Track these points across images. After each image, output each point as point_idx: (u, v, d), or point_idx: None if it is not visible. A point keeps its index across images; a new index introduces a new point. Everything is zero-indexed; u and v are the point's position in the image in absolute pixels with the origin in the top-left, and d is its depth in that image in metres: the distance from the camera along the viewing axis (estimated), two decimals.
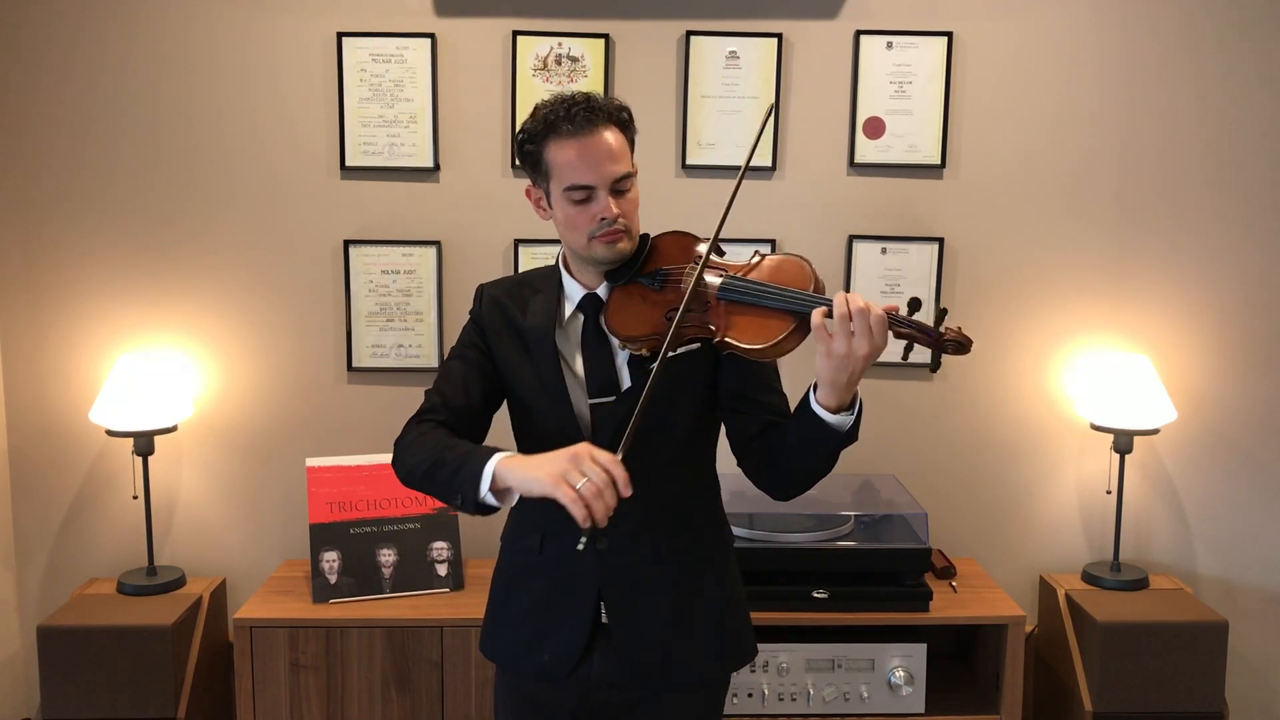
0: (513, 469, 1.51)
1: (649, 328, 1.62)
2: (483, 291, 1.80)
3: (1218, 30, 2.70)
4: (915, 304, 1.53)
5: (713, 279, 1.62)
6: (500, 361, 1.75)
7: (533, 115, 1.66)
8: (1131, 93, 2.73)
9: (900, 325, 1.51)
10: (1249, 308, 2.80)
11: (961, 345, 1.51)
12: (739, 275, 1.62)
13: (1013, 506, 2.88)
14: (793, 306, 1.55)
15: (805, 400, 1.58)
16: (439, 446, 1.60)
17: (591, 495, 1.42)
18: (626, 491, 1.44)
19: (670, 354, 1.57)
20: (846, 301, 1.47)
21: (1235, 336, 2.80)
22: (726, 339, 1.58)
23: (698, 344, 1.64)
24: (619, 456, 1.46)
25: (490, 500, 1.53)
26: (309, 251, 2.76)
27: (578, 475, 1.43)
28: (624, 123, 1.66)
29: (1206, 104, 2.73)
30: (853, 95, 2.72)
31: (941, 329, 1.51)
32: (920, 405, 2.84)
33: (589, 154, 1.60)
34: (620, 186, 1.63)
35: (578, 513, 1.41)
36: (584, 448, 1.46)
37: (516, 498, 1.53)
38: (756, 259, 1.66)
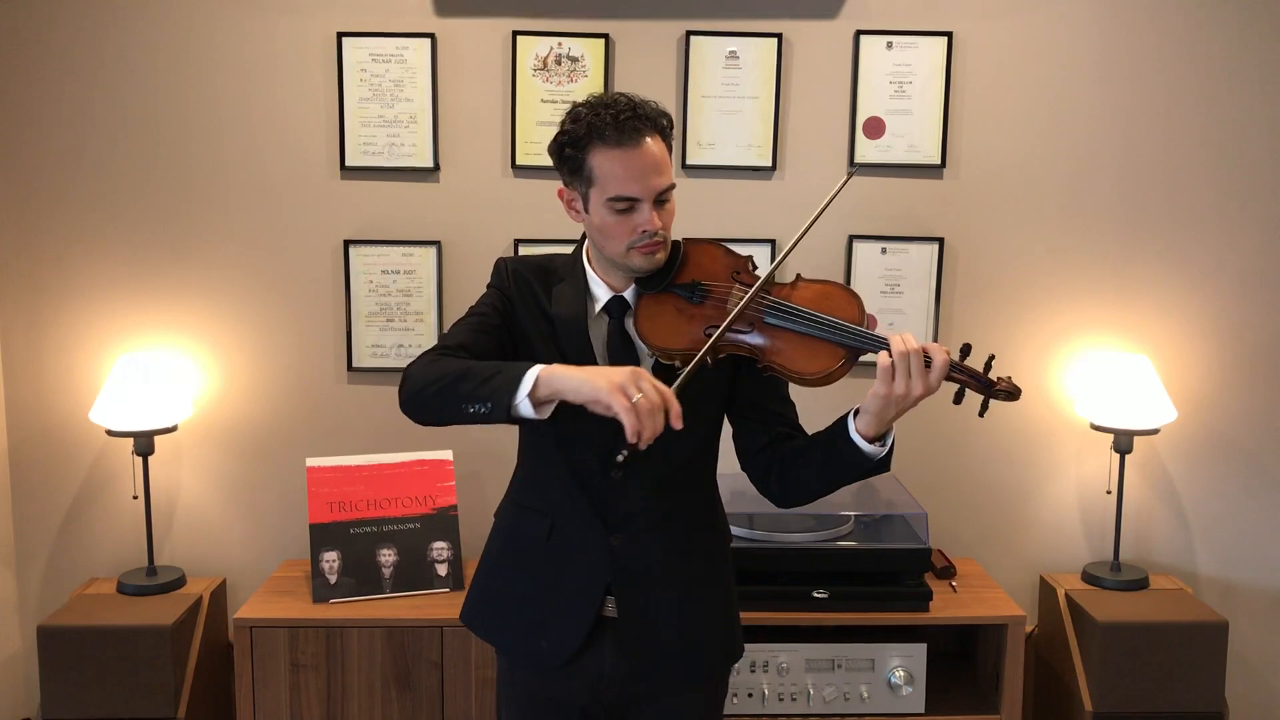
0: (562, 374, 1.47)
1: (686, 341, 1.62)
2: (505, 265, 1.75)
3: (1217, 29, 2.70)
4: (966, 349, 1.56)
5: (761, 300, 1.62)
6: (523, 336, 1.71)
7: (574, 118, 1.62)
8: (1131, 92, 2.73)
9: (955, 371, 1.54)
10: (1249, 308, 2.80)
11: (1011, 395, 1.55)
12: (787, 300, 1.62)
13: (1013, 506, 2.88)
14: (846, 341, 1.57)
15: (843, 426, 1.60)
16: (465, 362, 1.56)
17: (645, 411, 1.41)
18: (678, 424, 1.44)
19: (709, 363, 1.58)
20: (904, 342, 1.50)
21: (1235, 336, 2.80)
22: (773, 363, 1.60)
23: (724, 355, 1.64)
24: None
25: (525, 409, 1.48)
26: (309, 251, 2.76)
27: (635, 390, 1.42)
28: (664, 130, 1.65)
29: (1206, 103, 2.73)
30: (853, 95, 2.72)
31: (993, 377, 1.54)
32: (920, 405, 2.83)
33: (635, 166, 1.59)
34: (663, 198, 1.63)
35: (630, 422, 1.40)
36: (641, 370, 1.46)
37: (550, 411, 1.49)
38: (799, 283, 1.66)
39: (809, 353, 1.58)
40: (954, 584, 2.64)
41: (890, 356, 1.51)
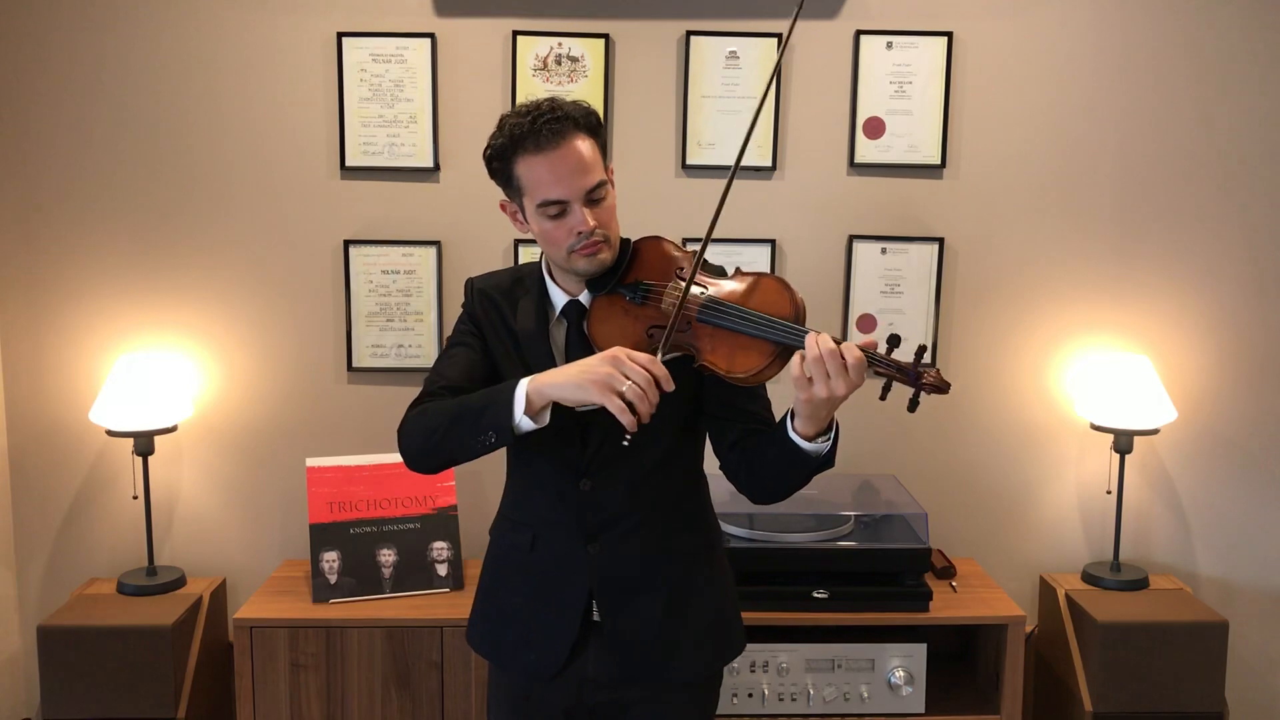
0: (550, 383, 1.53)
1: (630, 343, 1.61)
2: (472, 285, 1.79)
3: (1216, 29, 2.70)
4: (895, 340, 1.51)
5: (694, 298, 1.61)
6: (495, 356, 1.74)
7: (499, 130, 1.63)
8: (1131, 92, 2.73)
9: (879, 364, 1.50)
10: (1249, 308, 2.80)
11: (939, 388, 1.50)
12: (719, 298, 1.61)
13: (1013, 506, 2.88)
14: (772, 336, 1.55)
15: (783, 424, 1.59)
16: (453, 404, 1.61)
17: (637, 398, 1.46)
18: (669, 387, 1.48)
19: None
20: (818, 344, 1.46)
21: (1235, 336, 2.80)
22: (706, 362, 1.59)
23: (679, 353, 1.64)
24: (658, 357, 1.50)
25: (527, 425, 1.54)
26: (309, 251, 2.76)
27: (621, 379, 1.46)
28: (592, 127, 1.63)
29: (1205, 102, 2.73)
30: (853, 95, 2.72)
31: (920, 369, 1.49)
32: (920, 405, 2.83)
33: (559, 168, 1.58)
34: (594, 196, 1.61)
35: (626, 420, 1.46)
36: (620, 349, 1.50)
37: (549, 416, 1.56)
38: (736, 277, 1.64)
39: (739, 352, 1.57)
40: (954, 584, 2.64)
41: (801, 362, 1.48)
